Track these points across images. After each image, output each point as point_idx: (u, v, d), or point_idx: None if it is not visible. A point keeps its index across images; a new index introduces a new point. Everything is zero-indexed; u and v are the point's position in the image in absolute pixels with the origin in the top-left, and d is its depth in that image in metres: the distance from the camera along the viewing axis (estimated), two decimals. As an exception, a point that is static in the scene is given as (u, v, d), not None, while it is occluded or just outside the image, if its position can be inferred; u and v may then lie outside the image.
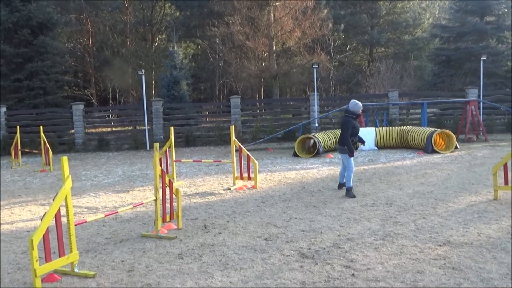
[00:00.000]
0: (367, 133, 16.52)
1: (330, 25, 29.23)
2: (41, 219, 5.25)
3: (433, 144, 14.82)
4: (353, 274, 5.21)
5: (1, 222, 8.47)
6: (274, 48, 28.64)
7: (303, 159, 14.97)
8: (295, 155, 15.73)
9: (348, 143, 9.23)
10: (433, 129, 15.72)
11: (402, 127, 17.12)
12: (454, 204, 8.28)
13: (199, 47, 41.26)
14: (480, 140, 17.86)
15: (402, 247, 6.05)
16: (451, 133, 15.37)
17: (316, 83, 20.95)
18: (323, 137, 16.01)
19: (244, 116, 22.59)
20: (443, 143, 15.68)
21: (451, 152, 14.85)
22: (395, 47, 36.05)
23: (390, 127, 17.31)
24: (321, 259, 5.74)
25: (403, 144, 16.39)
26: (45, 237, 5.19)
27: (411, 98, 22.42)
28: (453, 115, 20.75)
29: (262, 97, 34.38)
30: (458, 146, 15.32)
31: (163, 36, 39.34)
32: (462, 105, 19.14)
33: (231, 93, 34.50)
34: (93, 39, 38.37)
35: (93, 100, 36.30)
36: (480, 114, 19.08)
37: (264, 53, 29.72)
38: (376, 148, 16.47)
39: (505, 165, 8.44)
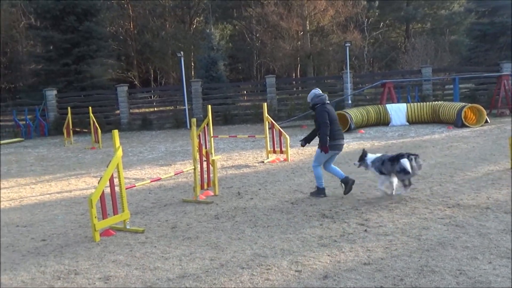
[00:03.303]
0: (398, 109, 16.99)
1: (364, 2, 29.30)
2: (98, 183, 6.22)
3: (463, 119, 15.15)
4: (365, 230, 5.95)
5: (61, 190, 9.64)
6: (308, 28, 29.03)
7: (335, 135, 15.58)
8: (327, 131, 16.35)
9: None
10: (463, 103, 16.02)
11: (433, 102, 17.44)
12: (472, 173, 8.82)
13: (236, 28, 41.92)
14: (514, 114, 17.96)
15: (414, 209, 6.73)
16: (481, 107, 15.64)
17: (349, 61, 21.37)
18: (355, 114, 16.56)
19: (280, 94, 23.30)
20: (474, 117, 15.95)
21: (481, 126, 15.17)
22: (432, 22, 35.70)
23: (421, 103, 17.65)
24: (339, 218, 6.50)
25: (435, 119, 16.75)
26: (102, 198, 6.17)
27: (445, 73, 22.53)
28: (488, 90, 20.79)
29: (298, 76, 34.87)
30: (488, 120, 15.59)
31: (201, 18, 40.19)
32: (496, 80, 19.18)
33: (268, 73, 35.15)
34: (134, 23, 39.66)
35: (136, 82, 37.72)
36: (514, 89, 19.09)
37: (300, 33, 30.15)
38: (407, 123, 16.90)
39: (522, 136, 8.89)
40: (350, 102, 20.24)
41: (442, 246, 5.25)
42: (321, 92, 7.92)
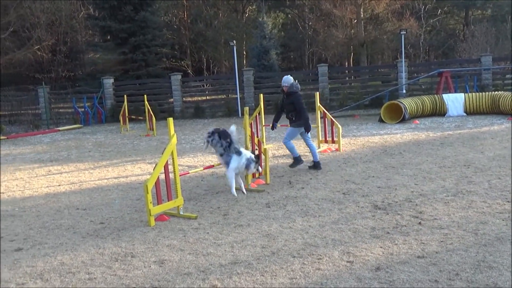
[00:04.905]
0: (455, 99, 16.45)
1: (421, -12, 28.44)
2: (153, 170, 6.40)
3: (525, 110, 14.50)
4: (419, 223, 5.82)
5: (118, 176, 9.98)
6: (362, 15, 28.47)
7: (388, 125, 15.31)
8: (380, 121, 16.09)
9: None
10: (526, 94, 15.30)
11: (493, 92, 16.75)
12: (534, 166, 8.45)
13: (289, 16, 41.68)
14: None
15: (471, 202, 6.52)
16: (545, 98, 14.90)
17: (404, 50, 20.83)
18: (409, 103, 16.16)
19: (332, 83, 23.04)
20: (537, 108, 15.22)
21: (545, 117, 14.47)
22: (493, 8, 34.15)
23: (480, 93, 17.00)
24: (392, 210, 6.39)
25: (494, 110, 16.10)
26: (157, 184, 6.35)
27: (506, 62, 21.57)
28: (553, 80, 19.78)
29: (351, 65, 34.34)
30: (553, 112, 14.84)
31: (253, 7, 40.21)
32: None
33: (320, 62, 34.78)
34: (187, 12, 40.17)
35: (189, 71, 38.28)
36: None
37: (353, 21, 29.63)
38: (464, 114, 16.34)
39: None
40: (404, 91, 19.77)
41: (501, 242, 5.07)
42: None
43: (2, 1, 29.86)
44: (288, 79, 9.45)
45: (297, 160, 9.24)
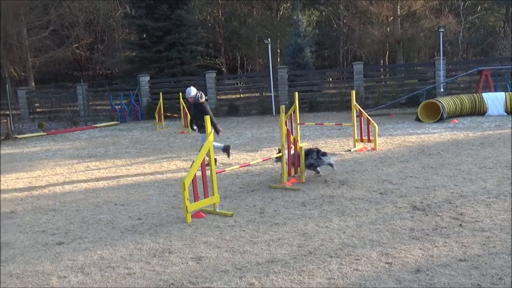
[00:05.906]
0: (496, 98, 16.01)
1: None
2: (190, 167, 6.45)
3: None
4: (460, 225, 5.69)
5: (154, 172, 10.12)
6: (398, 12, 27.99)
7: (426, 124, 15.02)
8: (417, 120, 15.80)
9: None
10: None
11: (536, 91, 16.22)
12: None
13: (323, 14, 41.38)
14: None
15: (514, 205, 6.33)
16: None
17: (443, 47, 20.38)
18: (448, 102, 15.81)
19: (367, 81, 22.75)
20: None
21: None
22: (536, 4, 33.10)
23: (522, 92, 16.48)
24: (431, 211, 6.26)
25: (537, 110, 15.59)
26: (194, 181, 6.39)
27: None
28: None
29: (387, 63, 33.84)
30: None
31: (288, 5, 40.09)
32: None
33: (355, 59, 34.43)
34: (222, 10, 40.38)
35: (223, 69, 38.48)
36: None
37: (389, 18, 29.19)
38: (505, 113, 15.87)
39: None
40: (442, 90, 19.34)
41: (547, 246, 4.91)
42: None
43: (43, 0, 30.70)
44: (190, 91, 10.30)
45: (225, 148, 10.56)
